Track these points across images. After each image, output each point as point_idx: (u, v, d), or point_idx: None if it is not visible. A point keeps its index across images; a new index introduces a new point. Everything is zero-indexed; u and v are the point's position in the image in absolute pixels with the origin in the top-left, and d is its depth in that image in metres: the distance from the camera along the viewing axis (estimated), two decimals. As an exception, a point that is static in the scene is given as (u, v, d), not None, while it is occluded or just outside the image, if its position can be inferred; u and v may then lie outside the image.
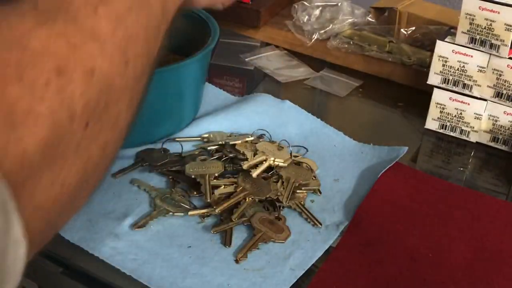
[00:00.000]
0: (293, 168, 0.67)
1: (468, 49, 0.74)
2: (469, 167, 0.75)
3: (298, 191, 0.65)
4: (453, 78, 0.76)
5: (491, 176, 0.73)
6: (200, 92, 0.75)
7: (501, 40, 0.71)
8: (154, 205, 0.61)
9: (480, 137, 0.78)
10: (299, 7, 0.98)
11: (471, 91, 0.76)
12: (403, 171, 0.70)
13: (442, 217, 0.64)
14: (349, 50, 0.94)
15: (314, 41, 0.96)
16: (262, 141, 0.71)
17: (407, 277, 0.56)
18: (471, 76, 0.75)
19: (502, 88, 0.74)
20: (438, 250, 0.59)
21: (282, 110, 0.79)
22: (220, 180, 0.65)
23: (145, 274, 0.54)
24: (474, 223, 0.63)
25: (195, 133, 0.73)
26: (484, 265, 0.58)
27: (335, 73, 0.94)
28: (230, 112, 0.76)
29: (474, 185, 0.72)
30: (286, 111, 0.79)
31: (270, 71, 0.92)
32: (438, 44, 0.76)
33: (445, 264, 0.58)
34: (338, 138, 0.75)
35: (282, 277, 0.55)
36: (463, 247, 0.60)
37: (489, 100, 0.75)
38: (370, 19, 0.99)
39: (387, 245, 0.60)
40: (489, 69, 0.74)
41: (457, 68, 0.75)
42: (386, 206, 0.65)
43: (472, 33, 0.73)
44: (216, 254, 0.57)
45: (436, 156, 0.77)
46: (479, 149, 0.78)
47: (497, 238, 0.61)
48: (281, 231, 0.60)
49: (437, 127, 0.80)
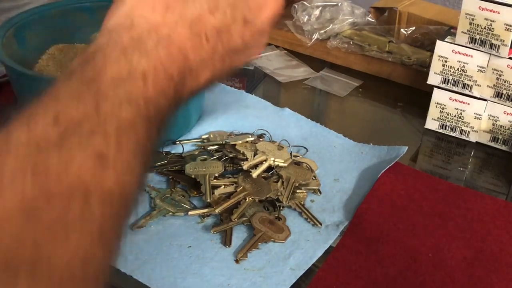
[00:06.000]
0: (293, 168, 0.67)
1: (468, 49, 0.74)
2: (469, 167, 0.75)
3: (298, 191, 0.65)
4: (453, 78, 0.76)
5: (491, 176, 0.73)
6: (203, 95, 0.76)
7: (501, 40, 0.71)
8: (154, 205, 0.62)
9: (480, 137, 0.78)
10: (299, 7, 0.98)
11: (471, 91, 0.76)
12: (403, 171, 0.70)
13: (442, 217, 0.64)
14: (349, 50, 0.94)
15: (314, 41, 0.96)
16: (262, 141, 0.71)
17: (407, 277, 0.56)
18: (471, 76, 0.75)
19: (502, 88, 0.74)
20: (438, 250, 0.59)
21: (282, 116, 0.79)
22: (220, 180, 0.65)
23: (145, 274, 0.54)
24: (474, 223, 0.63)
25: (196, 135, 0.73)
26: (484, 265, 0.58)
27: (335, 73, 0.94)
28: (230, 116, 0.77)
29: (474, 185, 0.72)
30: (286, 117, 0.79)
31: (270, 71, 0.93)
32: (438, 44, 0.76)
33: (445, 264, 0.58)
34: (338, 140, 0.76)
35: (282, 277, 0.55)
36: (463, 247, 0.60)
37: (489, 100, 0.75)
38: (370, 19, 0.99)
39: (387, 245, 0.60)
40: (489, 69, 0.74)
41: (457, 68, 0.75)
42: (386, 206, 0.65)
43: (472, 33, 0.73)
44: (216, 254, 0.57)
45: (436, 156, 0.77)
46: (479, 149, 0.78)
47: (497, 238, 0.61)
48: (281, 231, 0.60)
49: (437, 127, 0.80)
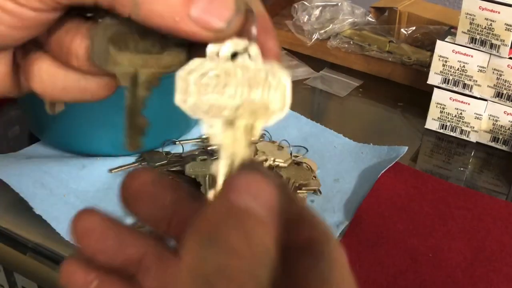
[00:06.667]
0: (293, 168, 0.67)
1: (468, 49, 0.74)
2: (469, 167, 0.75)
3: (298, 191, 0.65)
4: (453, 78, 0.76)
5: (491, 176, 0.73)
6: None
7: (501, 40, 0.71)
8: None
9: (480, 137, 0.78)
10: (299, 7, 0.98)
11: (471, 91, 0.76)
12: (403, 171, 0.70)
13: (442, 217, 0.64)
14: (349, 50, 0.94)
15: (314, 41, 0.96)
16: (262, 141, 0.71)
17: (408, 277, 0.56)
18: (471, 76, 0.75)
19: (502, 88, 0.74)
20: (438, 250, 0.59)
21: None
22: (220, 180, 0.65)
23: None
24: (474, 223, 0.63)
25: (196, 135, 0.73)
26: (484, 266, 0.58)
27: (335, 73, 0.94)
28: None
29: (474, 185, 0.72)
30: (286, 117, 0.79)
31: (270, 71, 0.92)
32: (438, 44, 0.76)
33: (445, 264, 0.58)
34: (338, 140, 0.75)
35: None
36: (463, 247, 0.60)
37: (489, 100, 0.75)
38: (370, 19, 0.99)
39: (387, 245, 0.60)
40: (489, 69, 0.74)
41: (457, 68, 0.75)
42: (386, 206, 0.64)
43: (472, 33, 0.73)
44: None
45: (436, 156, 0.77)
46: (479, 149, 0.78)
47: (497, 238, 0.61)
48: (281, 231, 0.60)
49: (437, 127, 0.80)
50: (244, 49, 0.23)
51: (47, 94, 0.26)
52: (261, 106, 0.23)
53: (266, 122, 0.24)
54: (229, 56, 0.23)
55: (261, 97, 0.23)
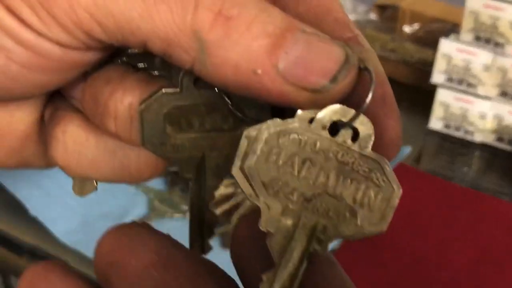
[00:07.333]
0: (294, 169, 0.66)
1: (472, 47, 0.74)
2: (473, 168, 0.74)
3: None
4: (458, 77, 0.76)
5: (496, 177, 0.73)
6: None
7: (506, 38, 0.71)
8: (153, 206, 0.61)
9: (484, 137, 0.77)
10: (301, 5, 0.97)
11: (476, 90, 0.75)
12: (406, 171, 0.69)
13: (446, 219, 0.63)
14: (351, 49, 0.93)
15: (316, 39, 0.95)
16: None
17: (410, 278, 0.56)
18: (476, 75, 0.74)
19: (507, 87, 0.73)
20: (441, 252, 0.59)
21: None
22: (220, 180, 0.64)
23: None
24: (478, 224, 0.63)
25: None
26: (488, 267, 0.58)
27: (337, 72, 0.93)
28: None
29: (478, 186, 0.71)
30: None
31: (271, 69, 0.92)
32: (442, 42, 0.75)
33: (448, 265, 0.57)
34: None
35: (283, 280, 0.54)
36: (467, 248, 0.60)
37: (494, 99, 0.75)
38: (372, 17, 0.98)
39: (390, 247, 0.59)
40: (494, 68, 0.73)
41: (461, 66, 0.75)
42: (388, 207, 0.64)
43: (477, 31, 0.72)
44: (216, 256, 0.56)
45: (439, 157, 0.76)
46: (483, 149, 0.77)
47: (501, 239, 0.61)
48: (282, 233, 0.59)
49: (441, 127, 0.79)
50: (349, 122, 0.16)
51: (71, 168, 0.19)
52: (346, 209, 0.16)
53: (342, 235, 0.17)
54: (326, 127, 0.16)
55: (353, 198, 0.16)
